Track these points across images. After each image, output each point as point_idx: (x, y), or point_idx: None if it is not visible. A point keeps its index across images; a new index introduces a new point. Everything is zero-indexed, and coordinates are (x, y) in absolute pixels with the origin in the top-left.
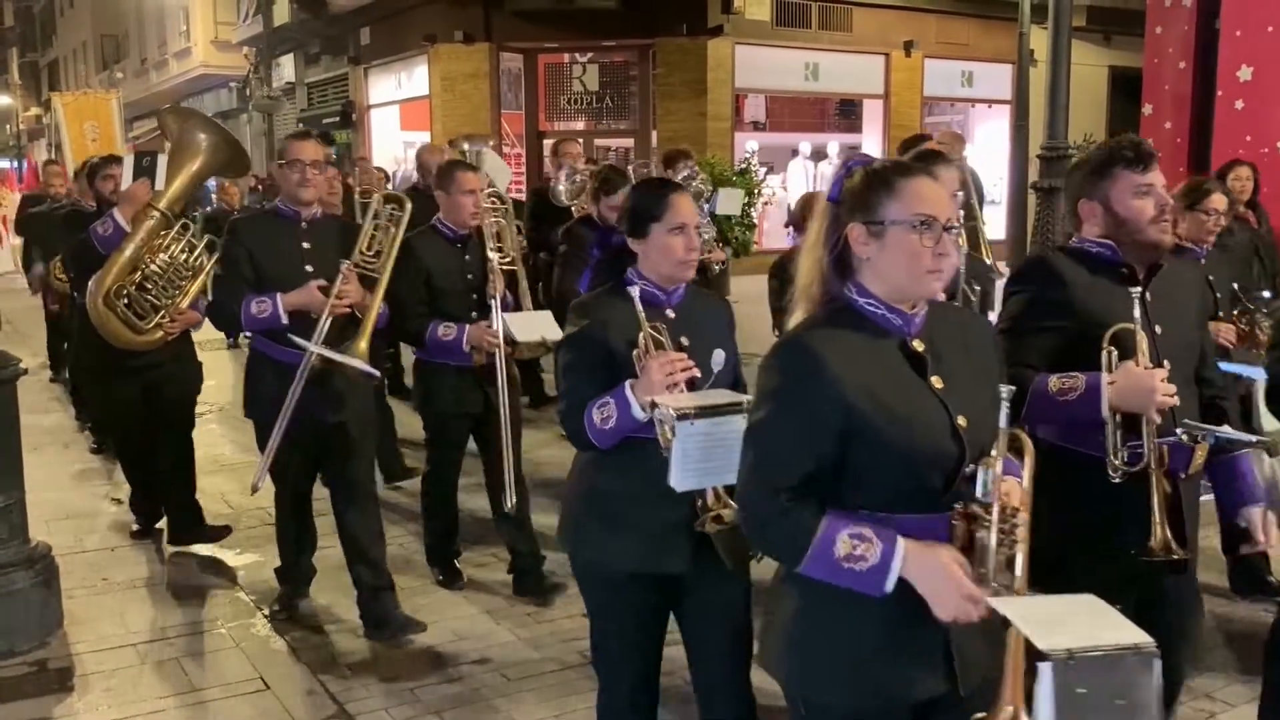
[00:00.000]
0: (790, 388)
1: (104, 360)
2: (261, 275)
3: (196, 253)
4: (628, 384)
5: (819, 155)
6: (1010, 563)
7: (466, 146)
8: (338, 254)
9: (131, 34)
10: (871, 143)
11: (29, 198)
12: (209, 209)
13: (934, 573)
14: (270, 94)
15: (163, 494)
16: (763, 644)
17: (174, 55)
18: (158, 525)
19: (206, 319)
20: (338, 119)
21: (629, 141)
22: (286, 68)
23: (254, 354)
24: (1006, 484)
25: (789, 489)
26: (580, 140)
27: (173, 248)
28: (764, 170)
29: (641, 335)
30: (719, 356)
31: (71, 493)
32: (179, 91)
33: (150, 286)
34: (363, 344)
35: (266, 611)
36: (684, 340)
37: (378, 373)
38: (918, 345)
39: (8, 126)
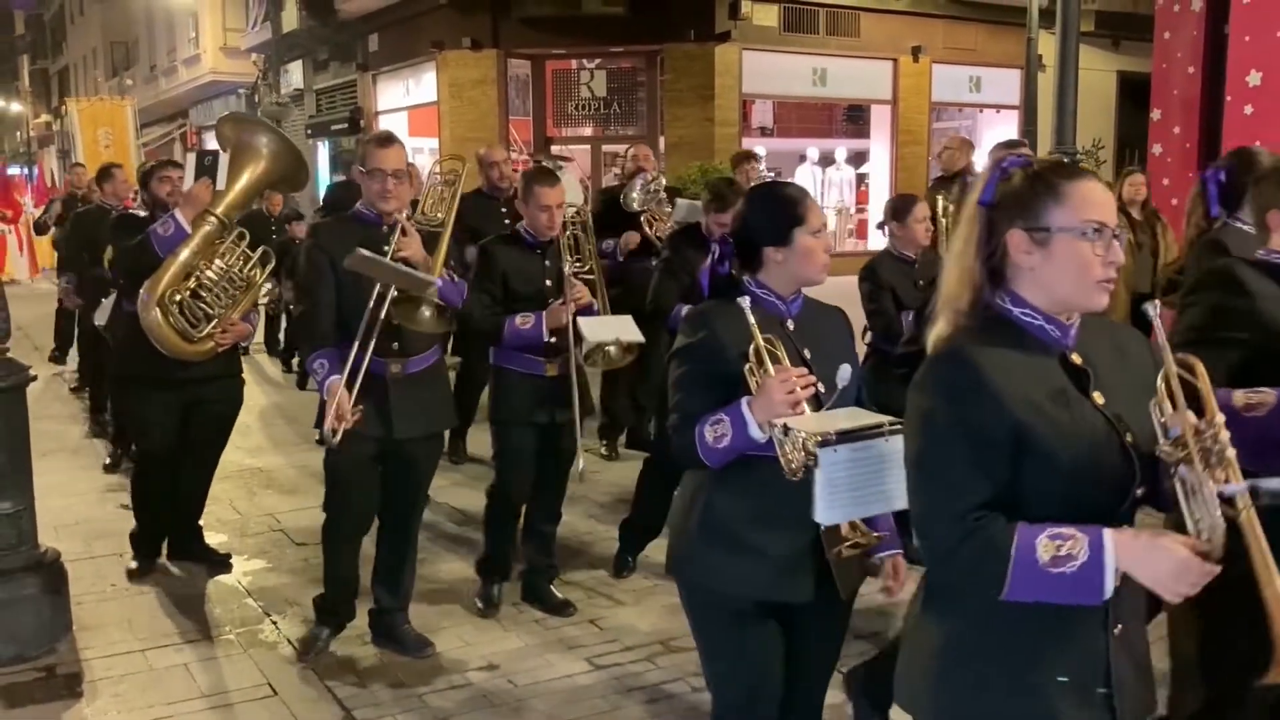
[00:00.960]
0: (951, 406)
1: (148, 369)
2: (341, 283)
3: (251, 263)
4: (744, 401)
5: (826, 161)
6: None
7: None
8: (422, 261)
9: (141, 41)
10: (879, 148)
11: (64, 200)
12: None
13: (1153, 550)
14: (279, 100)
15: (176, 516)
16: (901, 679)
17: (183, 62)
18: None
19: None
20: (346, 125)
21: None
22: (295, 74)
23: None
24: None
25: (974, 511)
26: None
27: (228, 256)
28: (772, 176)
29: (752, 348)
30: (845, 372)
31: (79, 499)
32: (188, 98)
33: (204, 294)
34: (436, 268)
35: (275, 620)
36: (806, 353)
37: (437, 280)
38: (1077, 358)
39: (18, 134)
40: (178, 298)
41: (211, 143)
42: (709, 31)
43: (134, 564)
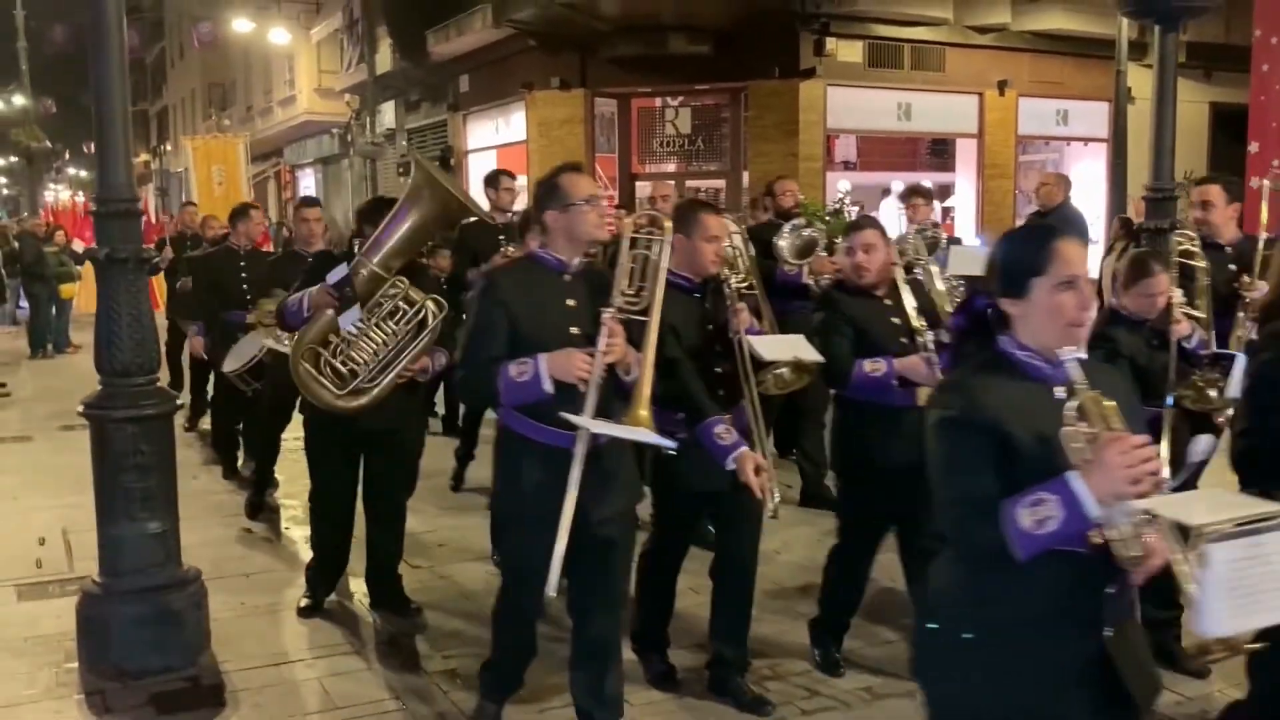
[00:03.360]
0: None
1: (324, 414)
2: (519, 339)
3: (410, 315)
4: (1074, 475)
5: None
6: None
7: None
8: (629, 363)
9: (238, 82)
10: (965, 181)
11: (173, 240)
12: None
13: None
14: (374, 140)
15: (371, 564)
16: None
17: (279, 103)
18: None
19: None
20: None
21: (720, 183)
22: (387, 114)
23: (508, 435)
24: None
25: None
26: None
27: (381, 309)
28: (855, 210)
29: (1071, 406)
30: (1203, 444)
31: (201, 522)
32: (283, 137)
33: (353, 351)
34: (643, 411)
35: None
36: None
37: (672, 443)
38: None
39: None
40: (322, 357)
41: (306, 179)
42: (794, 68)
43: (305, 600)
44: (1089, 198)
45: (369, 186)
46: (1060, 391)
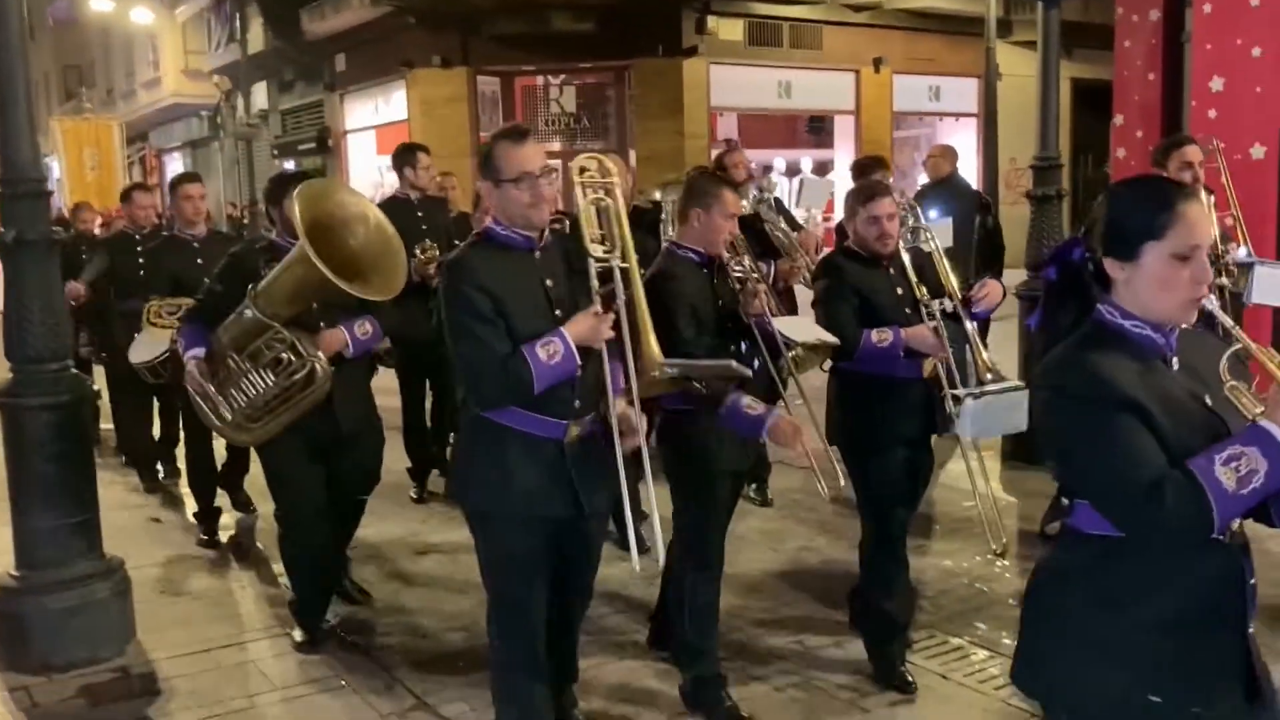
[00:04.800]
0: None
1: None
2: (512, 325)
3: (299, 363)
4: (1266, 425)
5: (793, 171)
6: None
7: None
8: (581, 286)
9: (97, 64)
10: (844, 157)
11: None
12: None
13: None
14: (249, 122)
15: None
16: None
17: (143, 85)
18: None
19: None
20: (314, 145)
21: None
22: (259, 95)
23: (486, 426)
24: None
25: None
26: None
27: (265, 356)
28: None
29: (1230, 354)
30: None
31: (111, 514)
32: (149, 120)
33: (230, 389)
34: (653, 345)
35: (328, 618)
36: (1207, 400)
37: (733, 365)
38: None
39: None
40: (209, 388)
41: (174, 164)
42: (676, 46)
43: (299, 635)
44: (961, 169)
45: (242, 169)
46: (1176, 362)
